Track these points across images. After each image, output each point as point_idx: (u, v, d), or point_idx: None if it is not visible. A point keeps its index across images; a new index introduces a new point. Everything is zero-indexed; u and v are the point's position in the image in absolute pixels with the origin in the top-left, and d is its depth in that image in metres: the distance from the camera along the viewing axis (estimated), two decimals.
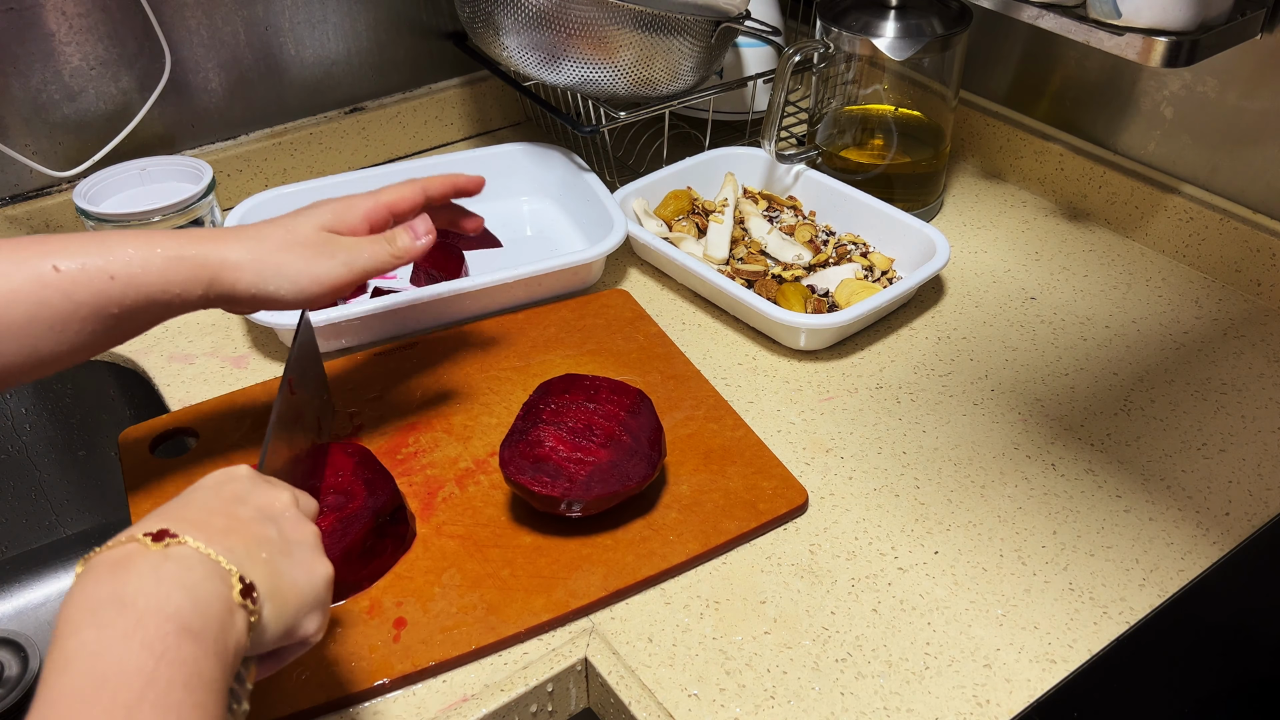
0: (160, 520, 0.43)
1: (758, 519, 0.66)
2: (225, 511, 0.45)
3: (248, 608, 0.41)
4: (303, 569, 0.46)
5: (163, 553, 0.40)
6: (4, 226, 0.89)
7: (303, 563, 0.46)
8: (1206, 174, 0.91)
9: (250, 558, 0.43)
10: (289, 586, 0.45)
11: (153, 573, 0.39)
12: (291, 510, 0.48)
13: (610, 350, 0.80)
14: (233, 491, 0.47)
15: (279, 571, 0.44)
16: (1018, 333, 0.85)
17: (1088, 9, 0.70)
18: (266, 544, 0.45)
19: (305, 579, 0.46)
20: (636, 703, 0.57)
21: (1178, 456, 0.73)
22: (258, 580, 0.43)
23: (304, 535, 0.48)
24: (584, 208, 0.93)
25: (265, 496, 0.48)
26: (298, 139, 1.01)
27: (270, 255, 0.59)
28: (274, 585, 0.44)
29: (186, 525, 0.42)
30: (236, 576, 0.41)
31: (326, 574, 0.47)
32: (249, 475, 0.49)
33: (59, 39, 0.86)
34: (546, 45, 0.86)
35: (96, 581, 0.39)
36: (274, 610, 0.43)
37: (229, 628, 0.40)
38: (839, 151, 0.98)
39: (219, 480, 0.48)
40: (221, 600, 0.40)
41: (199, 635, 0.38)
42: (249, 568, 0.42)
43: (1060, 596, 0.63)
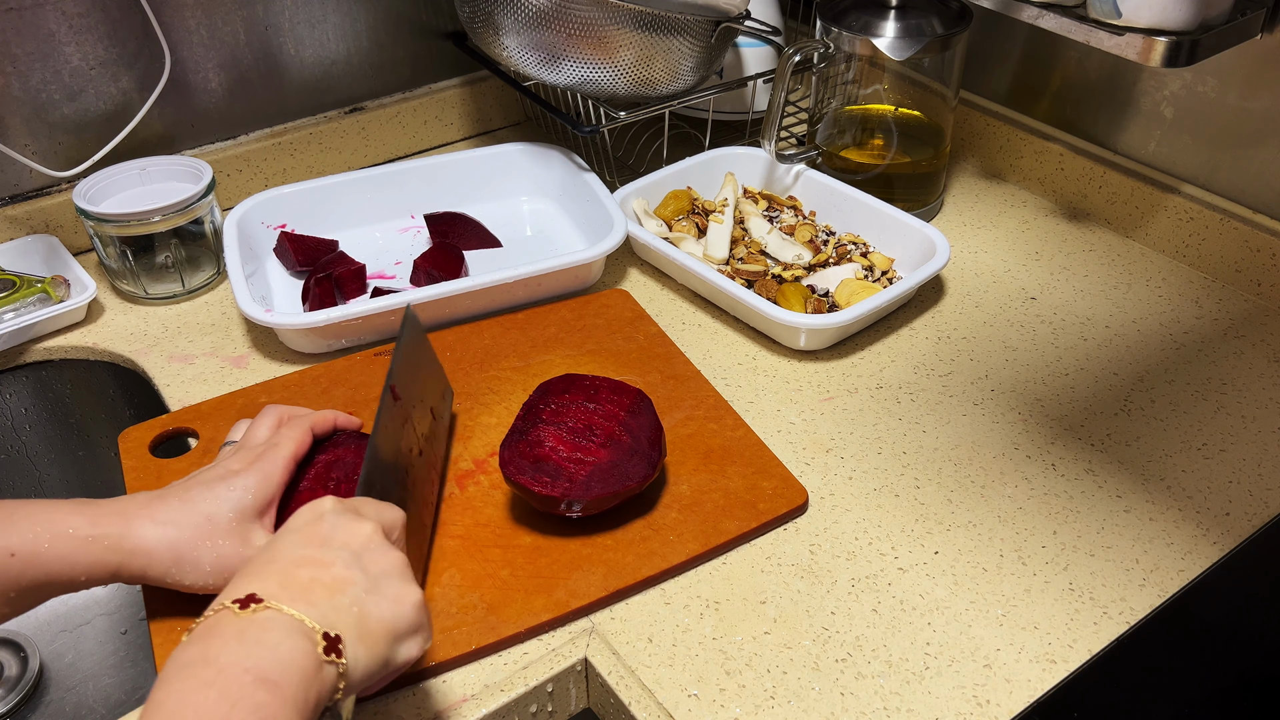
0: (247, 583, 0.45)
1: (758, 519, 0.66)
2: (309, 559, 0.47)
3: (335, 661, 0.43)
4: (389, 602, 0.47)
5: (248, 618, 0.43)
6: (4, 226, 0.89)
7: (389, 596, 0.48)
8: (1206, 174, 0.91)
9: (335, 608, 0.45)
10: (377, 625, 0.46)
11: (236, 636, 0.42)
12: (375, 541, 0.49)
13: (610, 350, 0.80)
14: (318, 534, 0.48)
15: (366, 614, 0.46)
16: (1018, 333, 0.85)
17: (1088, 9, 0.70)
18: (350, 588, 0.46)
19: (393, 612, 0.47)
20: (636, 703, 0.57)
21: (1178, 456, 0.73)
22: (343, 630, 0.45)
23: (389, 565, 0.49)
24: (584, 208, 0.93)
25: (348, 533, 0.49)
26: (298, 139, 1.01)
27: (186, 545, 0.55)
28: (361, 629, 0.46)
29: (272, 585, 0.45)
30: (320, 634, 0.43)
31: (416, 600, 0.49)
32: (333, 510, 0.50)
33: (59, 39, 0.86)
34: (546, 45, 0.86)
35: (189, 645, 0.42)
36: (365, 651, 0.45)
37: (313, 681, 0.42)
38: (839, 151, 0.98)
39: (305, 520, 0.49)
40: (305, 656, 0.42)
41: (277, 685, 0.41)
42: (333, 619, 0.45)
43: (1060, 596, 0.63)
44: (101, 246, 0.85)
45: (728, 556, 0.65)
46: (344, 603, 0.46)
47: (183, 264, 0.87)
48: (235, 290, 0.78)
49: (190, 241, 0.87)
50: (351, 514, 0.50)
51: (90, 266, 0.90)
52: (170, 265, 0.86)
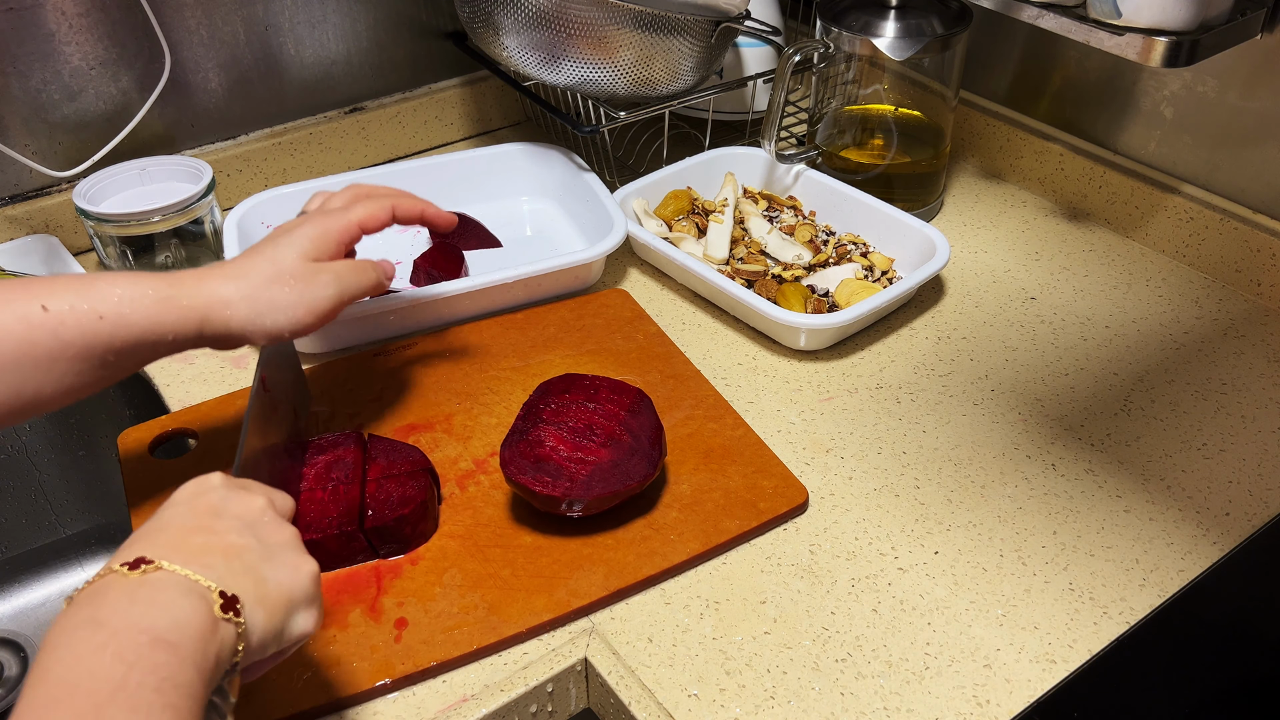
0: (136, 548, 0.43)
1: (758, 518, 0.66)
2: (201, 527, 0.46)
3: (232, 620, 0.42)
4: (286, 570, 0.47)
5: (139, 579, 0.41)
6: (4, 226, 0.89)
7: (286, 564, 0.47)
8: (1206, 174, 0.91)
9: (230, 570, 0.44)
10: (275, 590, 0.45)
11: (127, 596, 0.41)
12: (268, 514, 0.49)
13: (610, 350, 0.80)
14: (207, 504, 0.48)
15: (262, 578, 0.45)
16: (1018, 333, 0.85)
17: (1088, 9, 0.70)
18: (246, 553, 0.46)
19: (290, 579, 0.47)
20: (636, 703, 0.57)
21: (1178, 456, 0.73)
22: (240, 591, 0.43)
23: (283, 537, 0.48)
24: (584, 208, 0.93)
25: (240, 504, 0.48)
26: (298, 139, 1.01)
27: (260, 290, 0.59)
28: (259, 593, 0.45)
29: (162, 549, 0.43)
30: (216, 592, 0.42)
31: (312, 571, 0.48)
32: (222, 483, 0.49)
33: (59, 39, 0.86)
34: (546, 45, 0.86)
35: (75, 609, 0.40)
36: (264, 615, 0.44)
37: (211, 640, 0.41)
38: (839, 151, 0.98)
39: (192, 493, 0.48)
40: (201, 614, 0.41)
41: (175, 645, 0.39)
42: (230, 581, 0.43)
43: (1060, 596, 0.63)
44: (101, 246, 0.85)
45: (728, 556, 0.65)
46: (239, 566, 0.45)
47: (183, 264, 0.87)
48: None
49: (190, 242, 0.87)
50: (241, 489, 0.50)
51: (90, 266, 0.90)
52: (170, 265, 0.86)
